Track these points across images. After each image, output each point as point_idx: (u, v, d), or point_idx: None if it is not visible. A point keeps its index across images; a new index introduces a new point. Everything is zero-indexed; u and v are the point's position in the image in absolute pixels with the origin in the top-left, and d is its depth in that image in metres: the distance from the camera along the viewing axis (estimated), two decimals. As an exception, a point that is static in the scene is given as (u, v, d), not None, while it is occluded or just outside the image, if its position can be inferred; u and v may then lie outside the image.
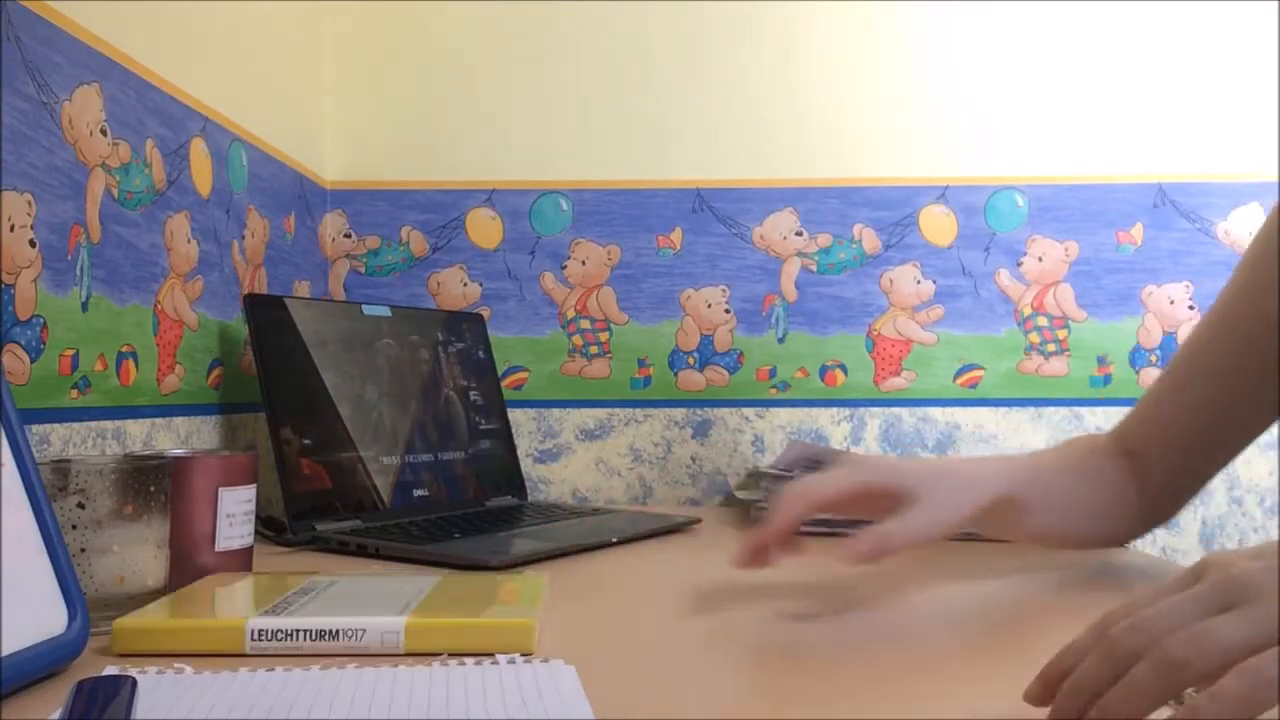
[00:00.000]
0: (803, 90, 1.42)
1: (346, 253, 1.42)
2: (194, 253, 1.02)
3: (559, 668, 0.53)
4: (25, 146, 0.76)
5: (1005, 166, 1.41)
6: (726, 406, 1.41)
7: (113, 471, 0.63)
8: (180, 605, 0.62)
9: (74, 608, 0.54)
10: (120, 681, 0.45)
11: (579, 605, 0.71)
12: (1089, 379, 1.41)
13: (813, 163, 1.42)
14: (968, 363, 1.41)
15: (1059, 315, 1.41)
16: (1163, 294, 1.41)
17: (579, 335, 1.42)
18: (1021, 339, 1.41)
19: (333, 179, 1.43)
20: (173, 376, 0.98)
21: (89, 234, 0.84)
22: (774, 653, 0.58)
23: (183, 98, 1.00)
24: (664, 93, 1.42)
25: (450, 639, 0.57)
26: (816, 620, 0.67)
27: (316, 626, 0.57)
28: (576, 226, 1.42)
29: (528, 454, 1.40)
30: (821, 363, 1.41)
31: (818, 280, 1.42)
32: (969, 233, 1.41)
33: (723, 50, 1.42)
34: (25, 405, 0.76)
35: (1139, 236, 1.41)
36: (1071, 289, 1.41)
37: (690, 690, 0.51)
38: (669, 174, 1.42)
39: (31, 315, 0.77)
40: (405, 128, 1.43)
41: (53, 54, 0.79)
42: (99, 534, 0.62)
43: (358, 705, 0.47)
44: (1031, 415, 1.40)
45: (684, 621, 0.66)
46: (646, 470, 1.41)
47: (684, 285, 1.42)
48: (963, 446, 1.40)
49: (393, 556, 0.90)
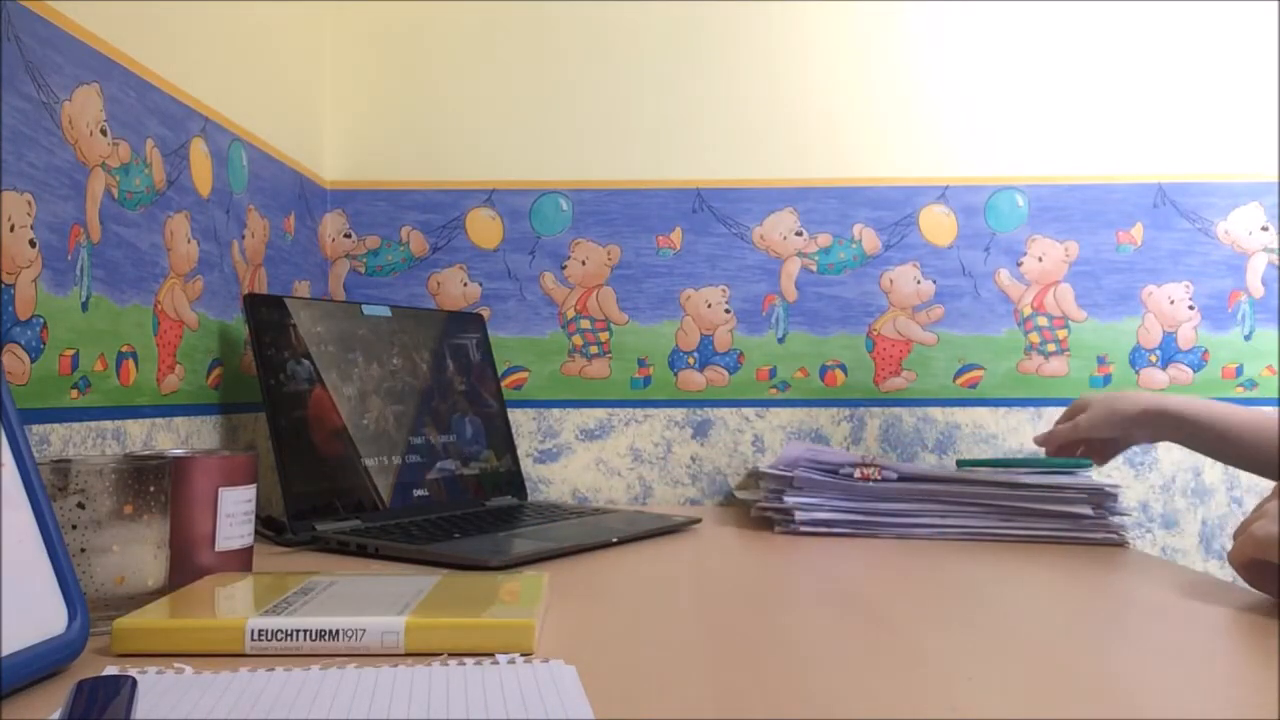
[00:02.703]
0: (803, 90, 1.42)
1: (346, 253, 1.42)
2: (194, 253, 1.02)
3: (559, 668, 0.53)
4: (25, 146, 0.76)
5: (1005, 166, 1.41)
6: (726, 406, 1.41)
7: (113, 471, 0.63)
8: (180, 605, 0.62)
9: (74, 608, 0.54)
10: (120, 681, 0.45)
11: (579, 605, 0.71)
12: (1089, 379, 1.41)
13: (813, 163, 1.42)
14: (968, 363, 1.41)
15: (1059, 315, 1.41)
16: (1163, 294, 1.41)
17: (579, 335, 1.42)
18: (1021, 339, 1.41)
19: (333, 179, 1.43)
20: (173, 376, 0.98)
21: (89, 234, 0.84)
22: (774, 653, 0.58)
23: (183, 98, 1.00)
24: (664, 93, 1.42)
25: (450, 639, 0.57)
26: (816, 620, 0.67)
27: (316, 626, 0.57)
28: (576, 226, 1.42)
29: (528, 454, 1.40)
30: (821, 363, 1.41)
31: (818, 280, 1.42)
32: (969, 233, 1.41)
33: (723, 50, 1.42)
34: (25, 405, 0.76)
35: (1139, 236, 1.41)
36: (1071, 289, 1.41)
37: (690, 690, 0.51)
38: (669, 174, 1.42)
39: (31, 315, 0.77)
40: (405, 128, 1.43)
41: (53, 54, 0.79)
42: (99, 534, 0.62)
43: (358, 705, 0.47)
44: (1031, 415, 1.40)
45: (684, 621, 0.66)
46: (646, 470, 1.41)
47: (684, 285, 1.42)
48: (962, 446, 1.40)
49: (393, 556, 0.90)
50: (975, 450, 1.40)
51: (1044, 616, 0.70)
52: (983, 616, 0.70)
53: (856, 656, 0.58)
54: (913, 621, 0.67)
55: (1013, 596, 0.77)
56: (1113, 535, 1.04)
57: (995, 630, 0.65)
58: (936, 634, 0.63)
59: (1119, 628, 0.66)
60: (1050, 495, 1.06)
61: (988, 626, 0.66)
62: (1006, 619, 0.69)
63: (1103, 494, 1.05)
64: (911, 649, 0.60)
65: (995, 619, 0.69)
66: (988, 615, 0.70)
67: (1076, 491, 1.05)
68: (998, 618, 0.69)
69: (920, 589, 0.79)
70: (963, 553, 0.98)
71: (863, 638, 0.62)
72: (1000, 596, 0.77)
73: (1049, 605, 0.74)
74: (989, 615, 0.70)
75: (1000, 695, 0.51)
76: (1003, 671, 0.55)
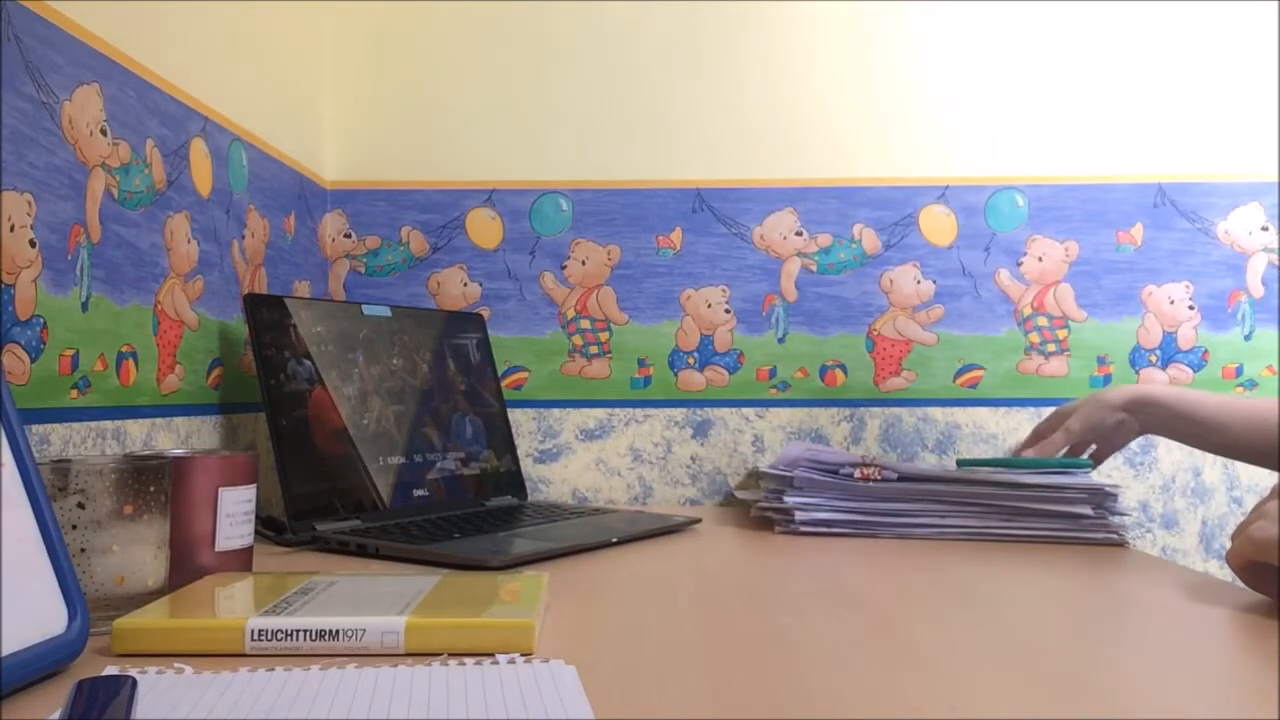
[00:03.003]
0: (803, 90, 1.42)
1: (346, 253, 1.42)
2: (194, 253, 1.02)
3: (559, 668, 0.53)
4: (25, 146, 0.76)
5: (1005, 166, 1.41)
6: (726, 406, 1.41)
7: (113, 471, 0.63)
8: (180, 605, 0.62)
9: (74, 608, 0.54)
10: (120, 681, 0.45)
11: (579, 605, 0.71)
12: (1089, 379, 1.41)
13: (813, 163, 1.42)
14: (968, 363, 1.41)
15: (1059, 315, 1.41)
16: (1163, 294, 1.41)
17: (579, 335, 1.42)
18: (1021, 339, 1.41)
19: (333, 179, 1.43)
20: (173, 376, 0.98)
21: (89, 234, 0.84)
22: (774, 653, 0.58)
23: (183, 98, 1.00)
24: (664, 93, 1.42)
25: (450, 639, 0.57)
26: (816, 620, 0.67)
27: (316, 626, 0.57)
28: (576, 226, 1.42)
29: (528, 454, 1.40)
30: (821, 363, 1.41)
31: (818, 280, 1.42)
32: (969, 233, 1.41)
33: (723, 50, 1.42)
34: (25, 405, 0.76)
35: (1139, 236, 1.41)
36: (1071, 289, 1.41)
37: (690, 690, 0.51)
38: (669, 174, 1.42)
39: (31, 315, 0.77)
40: (405, 128, 1.43)
41: (53, 54, 0.79)
42: (99, 534, 0.62)
43: (358, 705, 0.47)
44: (1031, 415, 1.40)
45: (684, 621, 0.66)
46: (646, 470, 1.41)
47: (684, 285, 1.42)
48: (962, 447, 1.40)
49: (393, 556, 0.90)
50: (975, 450, 1.40)
51: (1044, 616, 0.70)
52: (983, 616, 0.70)
53: (856, 656, 0.58)
54: (913, 621, 0.67)
55: (1013, 596, 0.77)
56: (1113, 535, 1.04)
57: (995, 630, 0.65)
58: (936, 634, 0.63)
59: (1119, 628, 0.66)
60: (1050, 495, 1.06)
61: (988, 626, 0.66)
62: (1006, 619, 0.69)
63: (1103, 494, 1.05)
64: (911, 649, 0.60)
65: (995, 619, 0.69)
66: (988, 615, 0.70)
67: (1076, 491, 1.05)
68: (998, 618, 0.69)
69: (920, 589, 0.79)
70: (963, 553, 0.98)
71: (863, 638, 0.62)
72: (1000, 596, 0.77)
73: (1049, 605, 0.74)
74: (989, 615, 0.70)
75: (1000, 695, 0.51)
76: (1003, 671, 0.55)
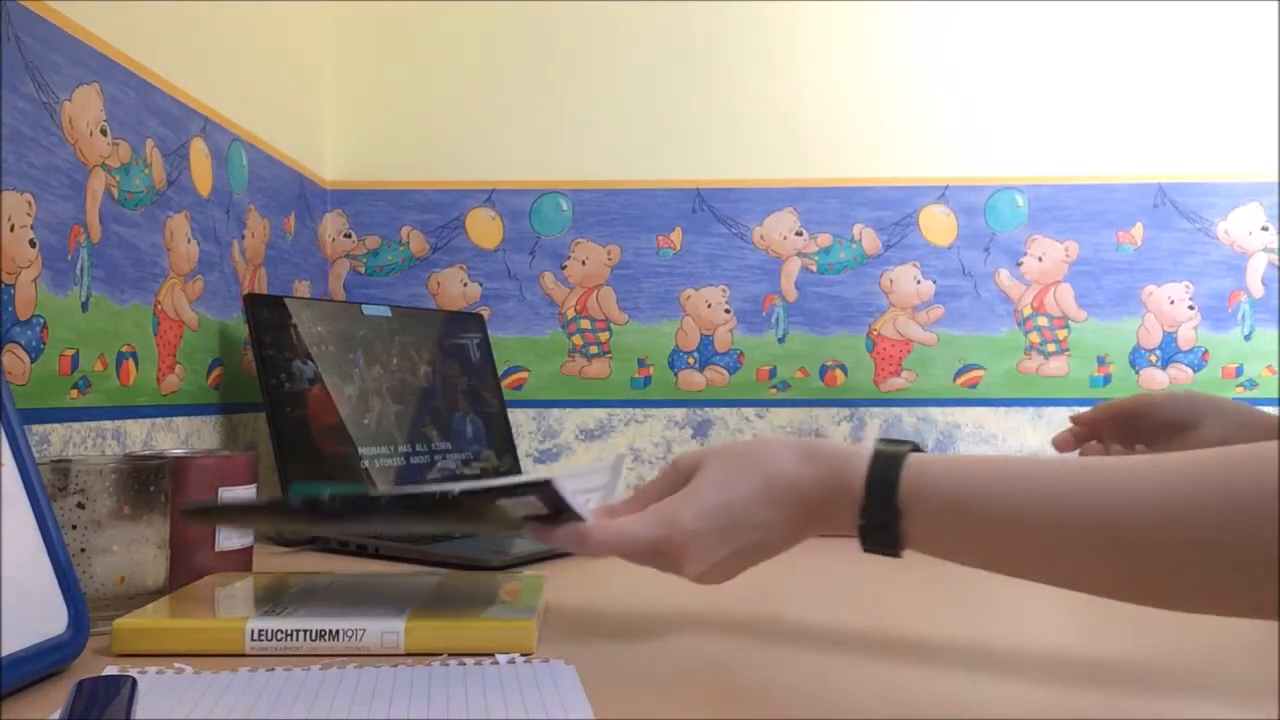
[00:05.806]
0: (803, 90, 1.42)
1: (346, 253, 1.42)
2: (194, 253, 1.02)
3: (559, 668, 0.53)
4: (25, 146, 0.76)
5: (1005, 166, 1.41)
6: (726, 406, 1.41)
7: (113, 471, 0.63)
8: (180, 605, 0.62)
9: (74, 608, 0.54)
10: (120, 681, 0.45)
11: (579, 605, 0.71)
12: (1089, 379, 1.41)
13: (813, 163, 1.42)
14: (968, 363, 1.41)
15: (1059, 315, 1.41)
16: (1163, 294, 1.41)
17: (579, 335, 1.42)
18: (1021, 339, 1.41)
19: (333, 179, 1.43)
20: (173, 376, 0.98)
21: (89, 234, 0.84)
22: (774, 653, 0.58)
23: (183, 98, 1.00)
24: (663, 93, 1.42)
25: (450, 639, 0.57)
26: (816, 620, 0.67)
27: (316, 626, 0.56)
28: (576, 226, 1.42)
29: (528, 454, 1.40)
30: (821, 363, 1.41)
31: (818, 280, 1.41)
32: (969, 233, 1.41)
33: (723, 50, 1.42)
34: (25, 405, 0.76)
35: (1139, 236, 1.41)
36: (1071, 289, 1.41)
37: (690, 690, 0.51)
38: (669, 174, 1.42)
39: (31, 315, 0.77)
40: (405, 128, 1.43)
41: (53, 54, 0.79)
42: (99, 534, 0.62)
43: (357, 705, 0.47)
44: (1031, 415, 1.40)
45: (684, 621, 0.66)
46: (647, 470, 1.41)
47: (684, 285, 1.42)
48: (962, 446, 1.40)
49: (393, 556, 0.90)
50: (975, 450, 1.40)
51: (1044, 616, 0.70)
52: (983, 616, 0.70)
53: (857, 656, 0.58)
54: (913, 621, 0.67)
55: (1013, 596, 0.77)
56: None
57: (995, 630, 0.65)
58: (937, 634, 0.63)
59: (1119, 627, 0.66)
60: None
61: (988, 626, 0.66)
62: (1007, 619, 0.69)
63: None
64: (911, 648, 0.60)
65: (995, 619, 0.69)
66: (988, 615, 0.70)
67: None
68: (998, 617, 0.69)
69: (920, 589, 0.79)
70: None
71: (863, 638, 0.62)
72: (1000, 596, 0.77)
73: (1049, 605, 0.74)
74: (989, 615, 0.70)
75: (1001, 695, 0.51)
76: (1003, 671, 0.55)
